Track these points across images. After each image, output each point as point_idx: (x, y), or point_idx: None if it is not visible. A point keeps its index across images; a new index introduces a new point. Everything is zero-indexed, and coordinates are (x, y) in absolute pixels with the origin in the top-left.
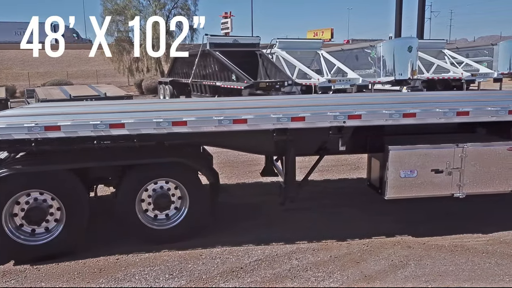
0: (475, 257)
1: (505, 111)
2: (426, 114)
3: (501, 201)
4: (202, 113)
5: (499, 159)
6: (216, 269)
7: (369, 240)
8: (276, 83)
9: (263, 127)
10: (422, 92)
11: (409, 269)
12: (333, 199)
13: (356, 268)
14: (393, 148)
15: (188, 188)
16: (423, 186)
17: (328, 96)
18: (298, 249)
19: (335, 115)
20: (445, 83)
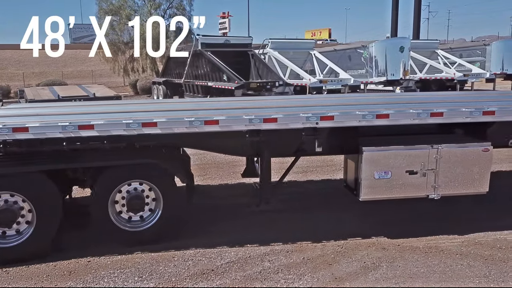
0: (448, 259)
1: (479, 112)
2: (400, 115)
3: (478, 202)
4: (174, 114)
5: (474, 160)
6: (186, 271)
7: (344, 242)
8: (267, 83)
9: (235, 128)
10: (408, 93)
11: (381, 271)
12: (314, 200)
13: (328, 270)
14: (367, 149)
15: (162, 189)
16: (397, 188)
17: (309, 97)
18: (271, 251)
19: (307, 117)
20: (439, 83)
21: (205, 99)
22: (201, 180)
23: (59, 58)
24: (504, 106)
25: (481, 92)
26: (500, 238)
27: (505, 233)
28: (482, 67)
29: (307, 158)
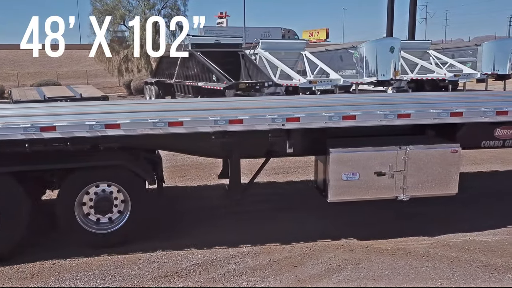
0: (414, 261)
1: (447, 114)
2: (367, 116)
3: (452, 203)
4: (139, 116)
5: (443, 162)
6: (150, 273)
7: (313, 244)
8: (256, 84)
9: (201, 129)
10: (388, 94)
11: (345, 273)
12: (289, 201)
13: (292, 272)
14: (334, 151)
15: (129, 191)
16: (365, 189)
17: (286, 98)
18: (239, 253)
19: (273, 118)
20: (432, 84)
21: (181, 99)
22: (180, 182)
23: (55, 58)
24: (472, 107)
25: (470, 92)
26: (470, 240)
27: (475, 234)
28: (473, 67)
29: (291, 159)
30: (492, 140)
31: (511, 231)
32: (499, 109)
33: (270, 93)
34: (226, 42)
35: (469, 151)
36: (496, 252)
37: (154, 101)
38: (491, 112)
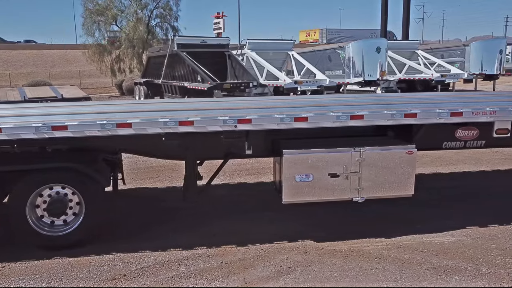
0: (365, 263)
1: (400, 115)
2: (319, 118)
3: (414, 204)
4: (89, 117)
5: (398, 163)
6: (98, 276)
7: (269, 246)
8: (241, 84)
9: (150, 131)
10: (357, 94)
11: (293, 276)
12: (253, 202)
13: (241, 275)
14: (287, 152)
15: (83, 193)
16: (320, 191)
17: (258, 99)
18: (192, 255)
19: (225, 120)
20: (424, 84)
21: (146, 101)
22: (150, 183)
23: (48, 58)
24: (427, 108)
25: (458, 93)
26: (426, 241)
27: (432, 236)
28: (461, 67)
29: (269, 160)
30: (453, 141)
31: (469, 232)
32: (454, 111)
33: (258, 94)
34: (213, 43)
35: (446, 152)
36: (449, 254)
37: (122, 101)
38: (445, 114)
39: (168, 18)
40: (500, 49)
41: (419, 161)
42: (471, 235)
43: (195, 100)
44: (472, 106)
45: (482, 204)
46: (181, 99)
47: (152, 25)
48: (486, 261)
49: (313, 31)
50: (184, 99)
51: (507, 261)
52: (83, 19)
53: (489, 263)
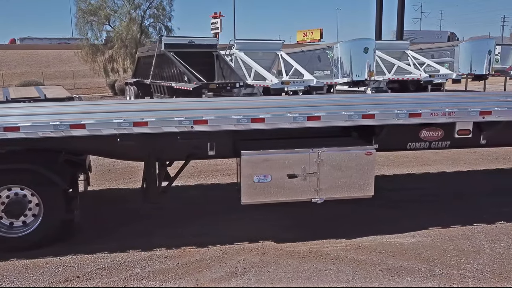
0: (321, 264)
1: (358, 116)
2: (276, 119)
3: (380, 205)
4: (41, 118)
5: (357, 164)
6: (51, 278)
7: (229, 246)
8: (227, 84)
9: (105, 132)
10: (327, 95)
11: (246, 277)
12: (225, 203)
13: (194, 276)
14: (245, 153)
15: (41, 194)
16: (278, 191)
17: (227, 100)
18: (150, 256)
19: (180, 120)
20: (417, 84)
21: (117, 101)
22: (124, 184)
23: (43, 58)
24: (385, 109)
25: (448, 93)
26: (386, 242)
27: (393, 237)
28: (451, 68)
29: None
30: (418, 142)
31: (431, 233)
32: (413, 111)
33: (248, 94)
34: (201, 43)
35: (424, 152)
36: (406, 255)
37: (99, 102)
38: (404, 115)
39: (162, 18)
40: (489, 49)
41: (396, 162)
42: (432, 236)
43: (167, 100)
44: (432, 107)
45: (449, 205)
46: (152, 99)
47: (145, 25)
48: (441, 262)
49: (310, 31)
50: (156, 99)
51: (461, 262)
52: (76, 19)
53: (443, 264)
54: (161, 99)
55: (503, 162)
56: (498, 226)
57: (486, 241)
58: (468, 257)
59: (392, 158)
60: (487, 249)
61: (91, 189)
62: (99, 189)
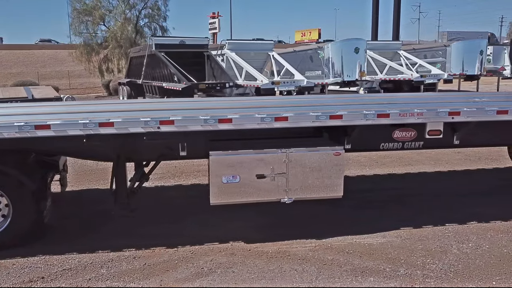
0: (287, 264)
1: (326, 117)
2: (243, 119)
3: (353, 205)
4: (12, 119)
5: (326, 164)
6: (16, 279)
7: (199, 247)
8: (217, 84)
9: (71, 133)
10: (300, 96)
11: (210, 277)
12: (200, 203)
13: (159, 277)
14: (213, 154)
15: (9, 195)
16: (247, 192)
17: (198, 100)
18: (118, 257)
19: (146, 121)
20: (410, 84)
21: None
22: (104, 184)
23: (39, 58)
24: (354, 110)
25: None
26: (355, 242)
27: (363, 237)
28: (443, 68)
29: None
30: (391, 143)
31: (401, 233)
32: (381, 112)
33: (240, 94)
34: (192, 43)
35: (406, 152)
36: (373, 255)
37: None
38: (372, 115)
39: (157, 18)
40: (481, 49)
41: (379, 162)
42: (402, 236)
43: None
44: (400, 108)
45: (424, 205)
46: (135, 99)
47: (140, 25)
48: (407, 262)
49: (308, 31)
50: (136, 99)
51: (427, 262)
52: (70, 19)
53: (409, 264)
54: (142, 99)
55: (485, 163)
56: (470, 227)
57: (455, 241)
58: (434, 258)
59: (375, 158)
60: (455, 249)
61: (70, 189)
62: (78, 189)
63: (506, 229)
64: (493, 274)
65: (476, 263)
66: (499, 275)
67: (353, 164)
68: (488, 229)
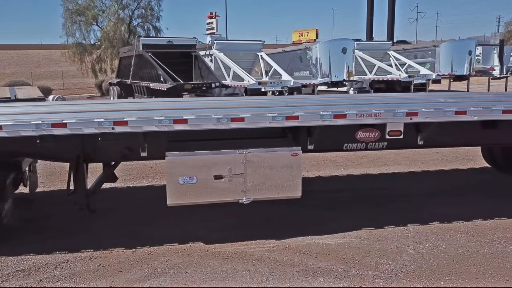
0: (241, 264)
1: (282, 117)
2: (199, 120)
3: (322, 204)
4: None
5: (284, 165)
6: None
7: (157, 248)
8: (203, 85)
9: (24, 134)
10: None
11: (161, 279)
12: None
13: (111, 278)
14: (170, 154)
15: None
16: (205, 193)
17: (165, 100)
18: (74, 258)
19: (100, 122)
20: (402, 84)
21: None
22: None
23: (33, 58)
24: (311, 111)
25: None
26: (314, 243)
27: (323, 237)
28: (432, 68)
29: None
30: (354, 143)
31: (362, 234)
32: (338, 113)
33: (229, 94)
34: (179, 43)
35: (384, 152)
36: (329, 256)
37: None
38: (329, 116)
39: (150, 18)
40: (469, 50)
41: (355, 162)
42: (362, 237)
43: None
44: (359, 108)
45: (391, 205)
46: (105, 100)
47: (133, 26)
48: (361, 262)
49: (306, 31)
50: (108, 100)
51: (380, 262)
52: (63, 19)
53: (362, 264)
54: (117, 100)
55: (460, 163)
56: (431, 227)
57: (413, 241)
58: (389, 258)
59: (352, 159)
60: (411, 249)
61: (41, 190)
62: (49, 190)
63: (466, 229)
64: (444, 274)
65: (429, 264)
66: (449, 275)
67: (329, 164)
68: (449, 229)
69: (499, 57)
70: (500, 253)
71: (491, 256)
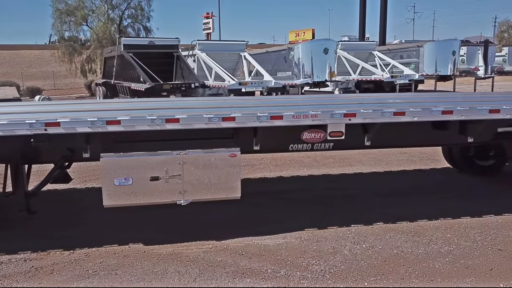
0: (173, 266)
1: (218, 119)
2: (134, 121)
3: (273, 205)
4: None
5: (222, 166)
6: None
7: (96, 249)
8: (182, 85)
9: None
10: (216, 98)
11: (89, 280)
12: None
13: (40, 280)
14: (104, 156)
15: None
16: (141, 194)
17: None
18: (10, 259)
19: (31, 123)
20: (390, 85)
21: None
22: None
23: (25, 58)
24: (248, 112)
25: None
26: (253, 244)
27: (264, 238)
28: (416, 68)
29: None
30: (300, 144)
31: (303, 235)
32: (274, 114)
33: (213, 95)
34: (161, 43)
35: (351, 153)
36: (263, 256)
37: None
38: (265, 117)
39: (140, 18)
40: (453, 50)
41: (320, 162)
42: (302, 237)
43: (89, 101)
44: (297, 110)
45: (341, 206)
46: (50, 101)
47: (124, 26)
48: (293, 263)
49: (302, 31)
50: (51, 101)
51: (311, 263)
52: (52, 19)
53: (293, 265)
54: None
55: (425, 163)
56: (374, 227)
57: (351, 242)
58: (322, 259)
59: (318, 159)
60: (346, 250)
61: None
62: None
63: (408, 230)
64: (370, 275)
65: (359, 264)
66: (375, 276)
67: (294, 164)
68: (391, 229)
69: (484, 58)
70: (433, 254)
71: (424, 256)
